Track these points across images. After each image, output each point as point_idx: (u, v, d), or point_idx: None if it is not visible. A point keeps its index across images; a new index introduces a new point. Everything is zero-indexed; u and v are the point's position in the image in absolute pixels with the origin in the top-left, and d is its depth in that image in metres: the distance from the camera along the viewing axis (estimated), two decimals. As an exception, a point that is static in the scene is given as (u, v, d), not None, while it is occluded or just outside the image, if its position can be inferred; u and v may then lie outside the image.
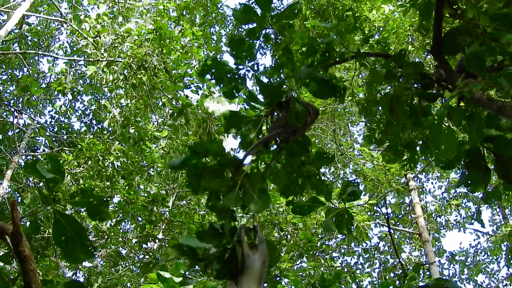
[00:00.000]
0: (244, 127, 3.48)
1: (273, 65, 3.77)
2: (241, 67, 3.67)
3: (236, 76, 3.68)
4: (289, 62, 3.68)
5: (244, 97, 3.66)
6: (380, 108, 3.74)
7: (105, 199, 3.32)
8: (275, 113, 3.60)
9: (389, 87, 3.83)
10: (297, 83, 3.64)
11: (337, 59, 3.77)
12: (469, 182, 3.78)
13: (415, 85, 3.71)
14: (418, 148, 4.00)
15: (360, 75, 12.51)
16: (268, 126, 3.62)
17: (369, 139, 3.95)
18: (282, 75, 3.68)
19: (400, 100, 3.59)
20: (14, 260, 3.61)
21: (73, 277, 15.07)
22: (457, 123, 3.53)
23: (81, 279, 14.93)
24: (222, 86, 3.58)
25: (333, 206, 4.19)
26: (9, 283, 3.54)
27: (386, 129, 3.81)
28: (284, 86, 3.64)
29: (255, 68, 3.73)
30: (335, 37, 3.71)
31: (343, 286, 12.01)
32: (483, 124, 3.54)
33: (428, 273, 14.97)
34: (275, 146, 3.71)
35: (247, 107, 3.63)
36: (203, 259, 3.19)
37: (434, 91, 3.76)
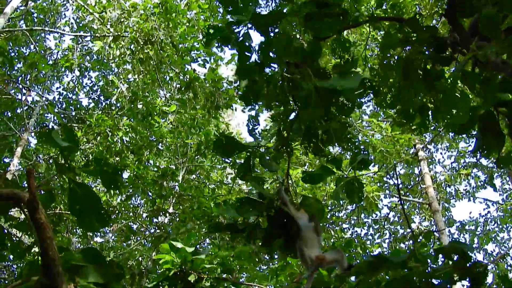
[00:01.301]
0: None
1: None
2: (238, 27, 3.64)
3: (241, 38, 3.65)
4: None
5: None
6: (393, 72, 3.69)
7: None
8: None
9: (403, 53, 3.77)
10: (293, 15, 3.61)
11: (351, 23, 3.71)
12: (483, 147, 3.74)
13: (429, 49, 3.64)
14: (430, 113, 3.95)
15: (372, 43, 12.29)
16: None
17: (379, 103, 3.91)
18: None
19: (413, 64, 3.53)
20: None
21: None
22: (471, 88, 3.47)
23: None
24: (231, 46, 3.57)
25: (343, 175, 4.19)
26: (25, 252, 3.58)
27: (398, 93, 3.76)
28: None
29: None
30: None
31: (353, 256, 12.11)
32: (497, 88, 3.47)
33: (437, 242, 15.00)
34: None
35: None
36: (244, 229, 3.14)
37: (448, 55, 3.70)
